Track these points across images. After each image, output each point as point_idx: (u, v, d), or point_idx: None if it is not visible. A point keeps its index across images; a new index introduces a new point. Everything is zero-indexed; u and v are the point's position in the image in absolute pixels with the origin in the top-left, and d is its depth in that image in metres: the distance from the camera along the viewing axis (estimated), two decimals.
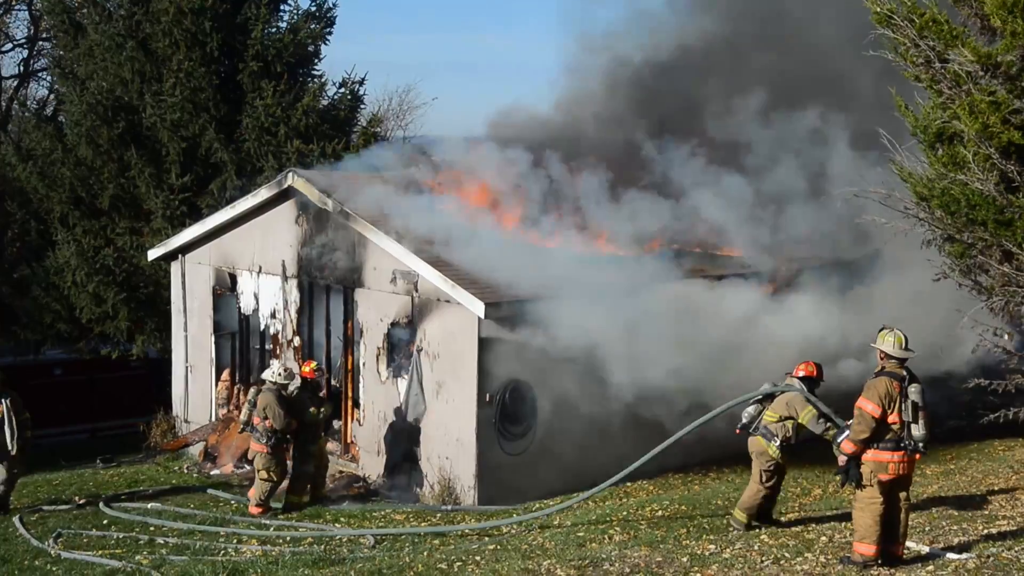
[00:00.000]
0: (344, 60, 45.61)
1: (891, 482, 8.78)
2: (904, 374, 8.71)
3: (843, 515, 10.89)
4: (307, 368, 14.44)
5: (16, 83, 30.85)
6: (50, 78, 28.14)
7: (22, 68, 30.72)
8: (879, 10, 9.04)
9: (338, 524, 13.22)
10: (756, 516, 10.88)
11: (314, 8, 22.02)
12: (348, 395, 16.12)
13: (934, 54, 8.86)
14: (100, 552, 11.96)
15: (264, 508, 13.69)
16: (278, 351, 17.04)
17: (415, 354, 14.77)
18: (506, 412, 14.19)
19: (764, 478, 10.68)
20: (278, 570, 10.67)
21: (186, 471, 16.84)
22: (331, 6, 22.09)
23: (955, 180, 8.77)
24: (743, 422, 10.92)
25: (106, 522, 13.45)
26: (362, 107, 23.29)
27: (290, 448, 14.02)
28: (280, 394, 13.76)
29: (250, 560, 11.20)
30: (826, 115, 14.68)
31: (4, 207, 23.86)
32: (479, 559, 10.18)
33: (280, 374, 13.91)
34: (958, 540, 9.56)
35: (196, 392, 18.51)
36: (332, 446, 15.63)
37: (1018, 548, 9.01)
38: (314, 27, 21.78)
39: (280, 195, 16.58)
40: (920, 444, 8.66)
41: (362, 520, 13.50)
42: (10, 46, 31.26)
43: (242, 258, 17.54)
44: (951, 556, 8.99)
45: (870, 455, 8.75)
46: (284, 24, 21.86)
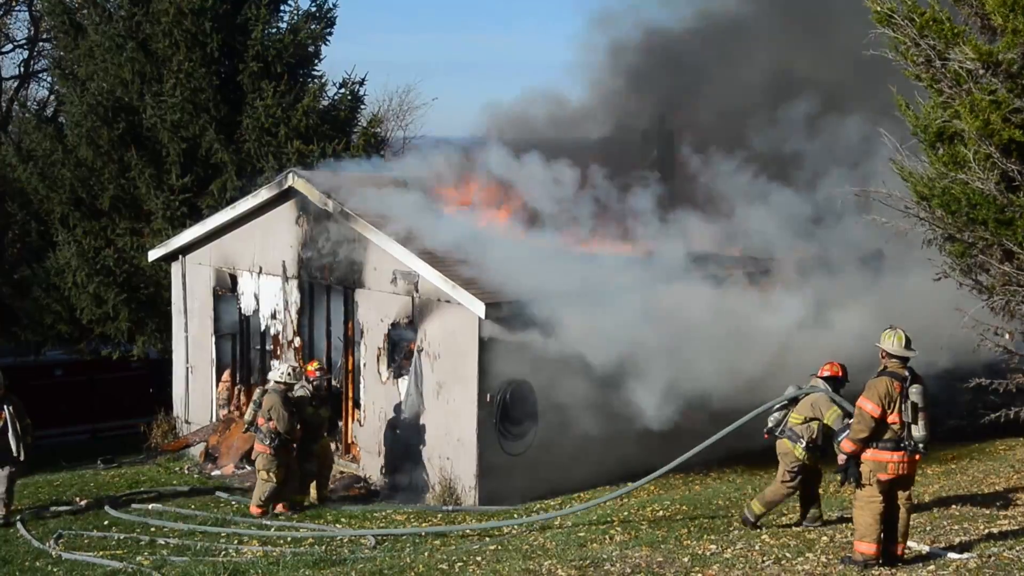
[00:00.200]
0: (344, 60, 45.64)
1: (891, 482, 8.75)
2: (906, 374, 8.69)
3: (844, 515, 10.88)
4: (310, 367, 14.46)
5: (16, 84, 30.85)
6: (50, 79, 28.13)
7: (22, 69, 30.74)
8: (879, 9, 9.04)
9: (339, 524, 13.22)
10: (800, 517, 10.92)
11: (314, 8, 22.03)
12: (349, 396, 16.12)
13: (935, 53, 8.85)
14: (101, 553, 11.96)
15: (264, 509, 13.68)
16: (279, 352, 17.04)
17: (416, 354, 14.76)
18: (506, 412, 14.18)
19: (788, 478, 10.62)
20: (279, 571, 10.66)
21: (187, 472, 16.83)
22: (331, 6, 22.12)
23: (956, 179, 8.76)
24: (769, 426, 10.82)
25: (107, 523, 13.46)
26: (362, 107, 23.28)
27: (294, 450, 13.97)
28: (286, 396, 13.72)
29: (251, 561, 11.20)
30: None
31: (5, 208, 23.86)
32: (480, 559, 10.17)
33: (287, 374, 13.89)
34: (959, 540, 9.55)
35: (197, 393, 18.50)
36: (332, 446, 15.62)
37: (1019, 548, 9.00)
38: (314, 27, 21.78)
39: (280, 196, 16.58)
40: (920, 445, 8.64)
41: (363, 521, 13.50)
42: (10, 47, 31.29)
43: (242, 259, 17.53)
44: (952, 556, 8.98)
45: (869, 454, 8.74)
46: (284, 24, 21.86)
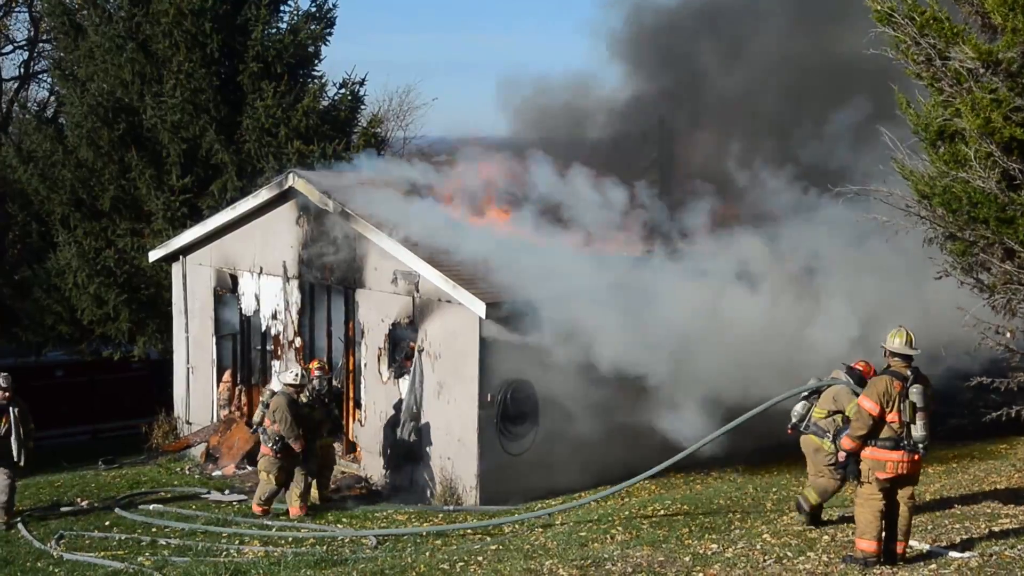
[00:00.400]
0: (344, 60, 45.60)
1: (891, 481, 8.76)
2: (908, 374, 8.69)
3: (846, 514, 10.88)
4: (311, 367, 14.45)
5: (17, 85, 30.83)
6: (50, 80, 28.09)
7: (23, 70, 30.72)
8: (879, 8, 9.03)
9: (340, 524, 13.22)
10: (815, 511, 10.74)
11: (314, 9, 22.02)
12: (350, 396, 16.12)
13: (935, 52, 8.83)
14: (102, 554, 11.96)
15: (266, 508, 13.68)
16: (279, 352, 17.04)
17: (416, 354, 14.76)
18: (507, 412, 14.19)
19: (828, 472, 10.42)
20: (280, 571, 10.67)
21: (188, 472, 16.83)
22: (331, 7, 22.10)
23: (956, 178, 8.74)
24: (793, 422, 10.62)
25: (108, 523, 13.46)
26: (362, 108, 23.27)
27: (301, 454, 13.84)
28: (292, 399, 13.68)
29: (252, 561, 11.20)
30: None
31: (5, 209, 23.85)
32: (481, 559, 10.17)
33: (297, 376, 13.84)
34: (960, 538, 9.55)
35: (197, 393, 18.50)
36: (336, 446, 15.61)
37: (1020, 546, 9.00)
38: (314, 28, 21.76)
39: (281, 196, 16.58)
40: (919, 445, 8.64)
41: (364, 520, 13.50)
42: (10, 48, 31.26)
43: (243, 259, 17.53)
44: (953, 555, 8.98)
45: (868, 453, 8.76)
46: (284, 25, 21.84)
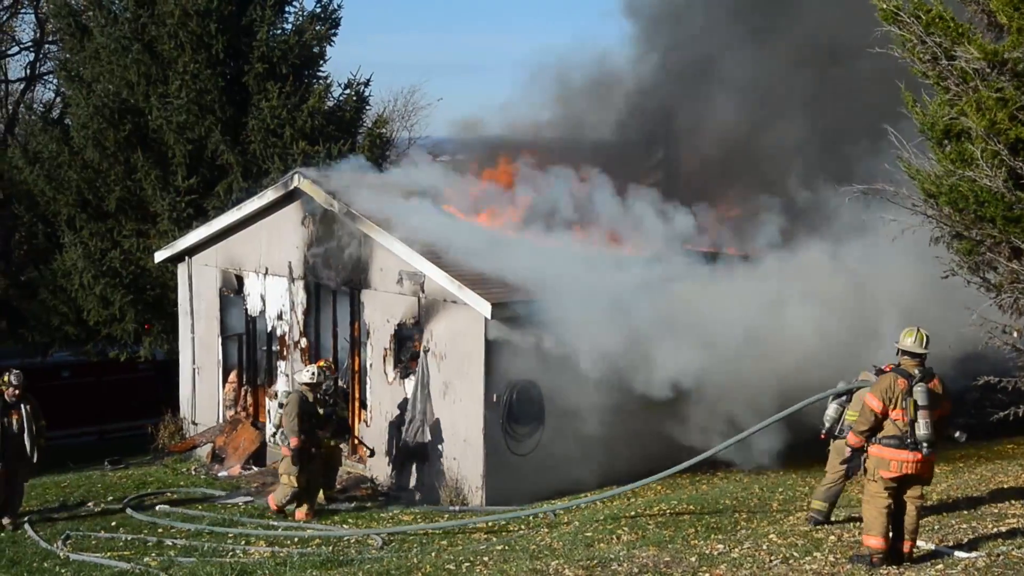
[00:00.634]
0: (349, 61, 45.59)
1: (896, 480, 8.75)
2: (914, 373, 8.68)
3: (852, 514, 10.86)
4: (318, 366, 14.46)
5: (23, 86, 30.92)
6: (56, 81, 28.17)
7: (28, 71, 30.80)
8: (885, 7, 9.02)
9: (346, 525, 13.22)
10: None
11: (319, 10, 22.04)
12: (355, 396, 16.12)
13: (941, 51, 8.82)
14: (108, 554, 11.98)
15: (280, 508, 13.62)
16: (285, 353, 17.05)
17: (422, 355, 14.75)
18: (513, 412, 14.18)
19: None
20: (286, 571, 10.68)
21: (194, 473, 16.85)
22: (336, 7, 22.13)
23: (963, 177, 8.73)
24: (826, 427, 10.52)
25: (114, 524, 13.48)
26: (367, 108, 23.34)
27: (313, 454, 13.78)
28: (304, 398, 13.66)
29: (258, 561, 11.22)
30: None
31: (11, 210, 23.92)
32: (487, 559, 10.17)
33: (313, 375, 13.83)
34: (967, 538, 9.52)
35: (203, 394, 18.52)
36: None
37: None
38: (319, 28, 21.79)
39: (286, 197, 16.60)
40: (923, 444, 8.61)
41: (370, 521, 13.51)
42: (17, 49, 31.35)
43: (248, 260, 17.55)
44: (960, 554, 8.95)
45: (874, 450, 8.77)
46: (289, 26, 21.86)
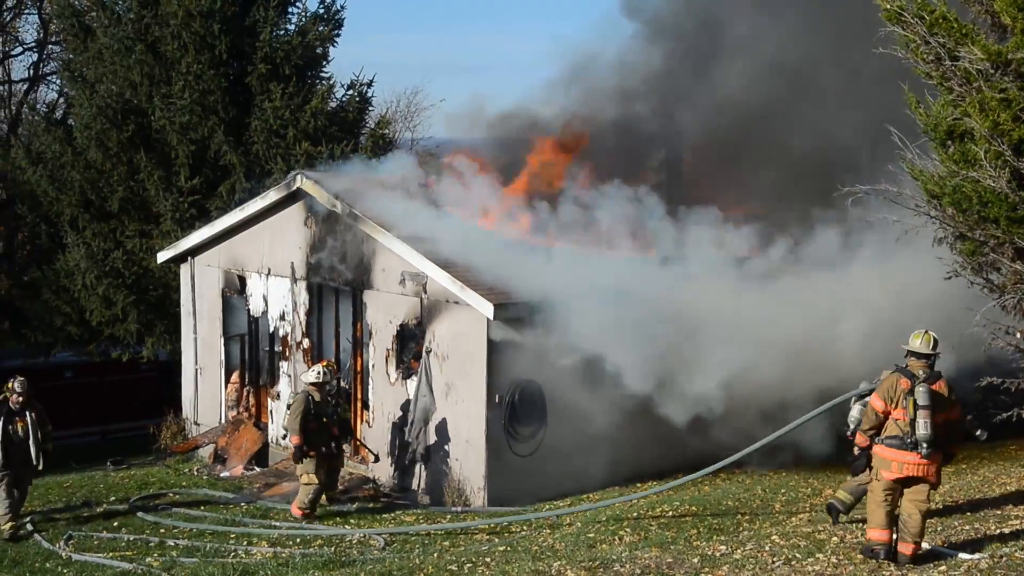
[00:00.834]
0: (352, 62, 45.64)
1: (898, 481, 8.78)
2: (918, 374, 8.70)
3: (855, 516, 10.84)
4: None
5: (26, 87, 30.95)
6: (60, 82, 28.22)
7: (32, 72, 30.82)
8: (889, 7, 9.01)
9: (348, 525, 13.21)
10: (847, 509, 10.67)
11: (322, 11, 22.05)
12: (357, 397, 16.12)
13: (944, 52, 8.81)
14: (111, 554, 11.99)
15: (306, 512, 13.47)
16: (287, 353, 17.05)
17: (424, 355, 14.75)
18: (515, 413, 14.17)
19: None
20: (288, 572, 10.69)
21: (196, 473, 16.85)
22: (339, 8, 22.13)
23: (967, 177, 8.72)
24: (851, 428, 10.37)
25: (116, 524, 13.49)
26: (370, 109, 23.30)
27: (324, 453, 13.78)
28: (311, 398, 13.64)
29: (260, 562, 11.22)
30: None
31: (14, 210, 23.94)
32: (489, 560, 10.17)
33: (320, 374, 13.81)
34: (970, 540, 9.51)
35: (206, 394, 18.53)
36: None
37: None
38: (322, 29, 21.80)
39: (289, 197, 16.60)
40: (922, 444, 8.60)
41: (372, 522, 13.50)
42: (20, 50, 31.40)
43: (251, 260, 17.56)
44: (963, 556, 8.94)
45: (877, 450, 8.84)
46: (292, 26, 21.88)
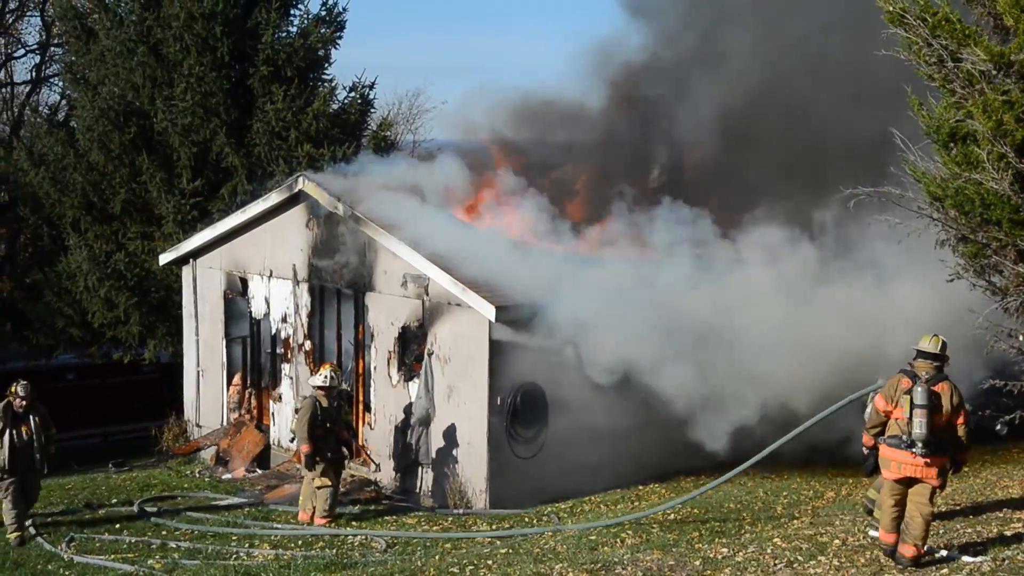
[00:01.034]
0: (354, 64, 45.69)
1: (899, 482, 8.80)
2: (920, 374, 8.71)
3: (856, 518, 10.83)
4: (323, 370, 14.39)
5: (28, 89, 31.00)
6: (62, 84, 28.29)
7: (34, 74, 30.89)
8: (891, 9, 9.00)
9: (350, 528, 13.20)
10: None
11: (324, 12, 22.05)
12: (359, 399, 16.11)
13: (947, 53, 8.80)
14: (113, 556, 11.98)
15: (330, 518, 13.37)
16: (289, 355, 17.05)
17: (426, 358, 14.75)
18: (517, 415, 14.16)
19: None
20: (290, 574, 10.68)
21: (198, 475, 16.84)
22: (341, 10, 22.12)
23: (969, 179, 8.71)
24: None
25: (118, 526, 13.48)
26: (372, 111, 23.30)
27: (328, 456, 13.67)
28: (318, 403, 13.48)
29: (262, 564, 11.21)
30: None
31: (17, 212, 23.97)
32: (491, 563, 10.16)
33: (327, 378, 13.65)
34: (972, 543, 9.49)
35: (208, 396, 18.53)
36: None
37: None
38: (324, 31, 21.79)
39: (291, 199, 16.61)
40: (918, 444, 8.60)
41: (374, 524, 13.49)
42: (23, 52, 31.45)
43: (253, 262, 17.56)
44: (966, 559, 8.93)
45: (880, 449, 8.89)
46: (294, 28, 21.88)
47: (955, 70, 8.75)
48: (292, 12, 21.94)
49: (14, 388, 12.91)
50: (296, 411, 13.88)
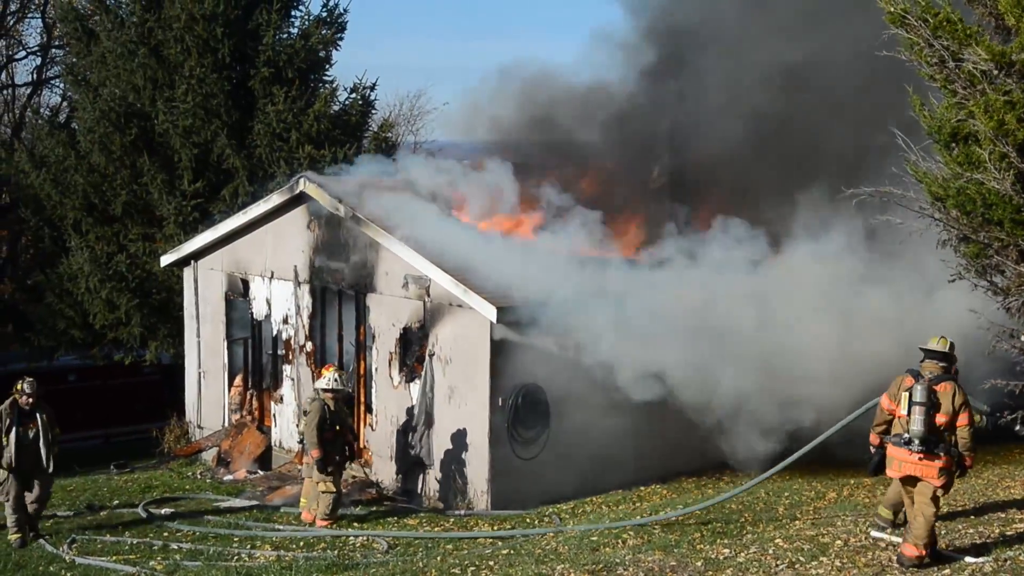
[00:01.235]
0: (355, 65, 45.70)
1: (902, 481, 8.91)
2: (925, 374, 8.73)
3: (858, 518, 10.83)
4: (325, 372, 14.37)
5: (30, 91, 31.05)
6: (63, 85, 28.30)
7: (35, 76, 30.93)
8: (893, 10, 9.00)
9: (352, 529, 13.20)
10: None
11: (325, 14, 22.08)
12: (361, 400, 16.11)
13: (948, 54, 8.80)
14: (114, 558, 11.98)
15: (331, 520, 13.36)
16: (291, 357, 17.05)
17: (427, 359, 14.74)
18: (519, 416, 14.15)
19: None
20: (292, 575, 10.67)
21: (199, 477, 16.84)
22: (342, 12, 22.15)
23: (971, 179, 8.71)
24: None
25: (120, 527, 13.48)
26: (373, 112, 23.33)
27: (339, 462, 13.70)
28: (326, 406, 13.45)
29: (264, 565, 11.21)
30: None
31: (18, 214, 23.99)
32: (492, 564, 10.16)
33: (334, 380, 13.64)
34: (974, 543, 9.48)
35: (209, 398, 18.53)
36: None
37: None
38: (325, 33, 21.82)
39: (292, 200, 16.61)
40: (914, 441, 8.64)
41: (375, 525, 13.49)
42: (24, 54, 31.50)
43: (254, 264, 17.56)
44: (968, 559, 8.92)
45: (887, 448, 8.96)
46: (295, 30, 21.92)
47: (956, 70, 8.75)
48: (293, 13, 21.99)
49: (20, 385, 12.77)
50: (305, 413, 13.70)
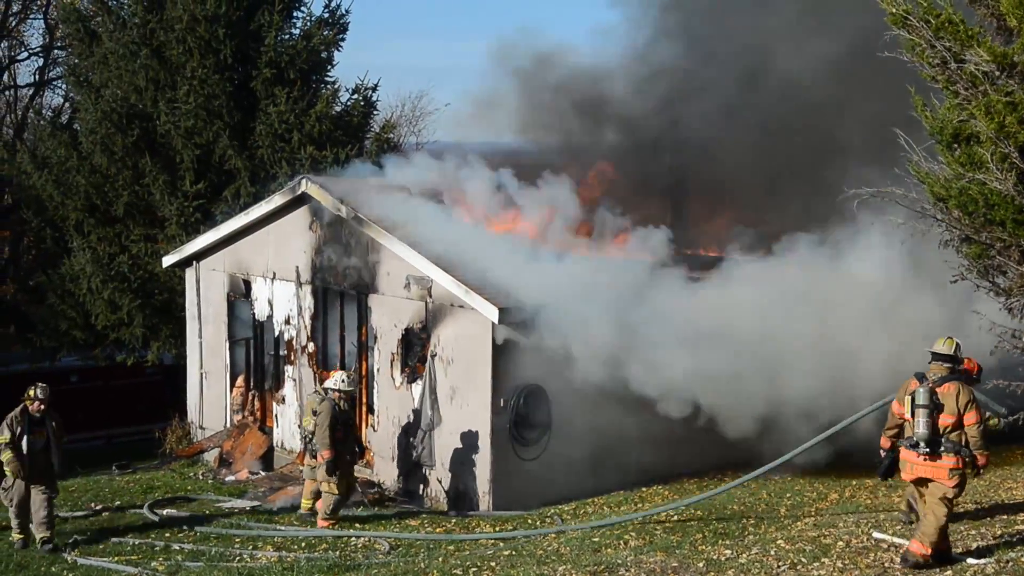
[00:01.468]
0: (357, 66, 45.79)
1: (914, 483, 9.00)
2: (929, 376, 8.76)
3: (860, 519, 10.82)
4: (332, 375, 14.33)
5: (32, 91, 31.08)
6: (65, 86, 28.32)
7: (37, 76, 30.96)
8: (895, 11, 9.00)
9: (353, 529, 13.20)
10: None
11: (327, 15, 22.10)
12: (362, 401, 16.11)
13: (950, 55, 8.80)
14: (116, 559, 11.98)
15: (332, 522, 13.34)
16: (292, 357, 17.06)
17: (429, 360, 14.74)
18: (520, 417, 14.14)
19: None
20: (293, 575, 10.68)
21: (201, 477, 16.85)
22: (344, 12, 22.19)
23: (973, 180, 8.71)
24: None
25: (121, 527, 13.49)
26: (375, 113, 23.36)
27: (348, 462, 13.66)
28: (336, 406, 13.41)
29: (265, 566, 11.21)
30: None
31: (20, 215, 24.02)
32: (494, 564, 10.16)
33: (343, 381, 13.62)
34: (976, 545, 9.48)
35: (211, 398, 18.54)
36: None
37: None
38: (327, 33, 21.85)
39: (294, 201, 16.62)
40: (920, 443, 8.66)
41: (377, 526, 13.49)
42: (26, 55, 31.52)
43: (256, 264, 17.57)
44: (970, 561, 8.91)
45: (900, 452, 8.99)
46: (297, 31, 21.95)
47: (958, 71, 8.75)
48: (295, 14, 22.02)
49: (32, 392, 12.56)
50: (315, 413, 13.66)
